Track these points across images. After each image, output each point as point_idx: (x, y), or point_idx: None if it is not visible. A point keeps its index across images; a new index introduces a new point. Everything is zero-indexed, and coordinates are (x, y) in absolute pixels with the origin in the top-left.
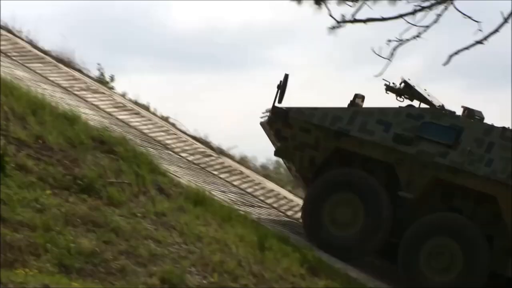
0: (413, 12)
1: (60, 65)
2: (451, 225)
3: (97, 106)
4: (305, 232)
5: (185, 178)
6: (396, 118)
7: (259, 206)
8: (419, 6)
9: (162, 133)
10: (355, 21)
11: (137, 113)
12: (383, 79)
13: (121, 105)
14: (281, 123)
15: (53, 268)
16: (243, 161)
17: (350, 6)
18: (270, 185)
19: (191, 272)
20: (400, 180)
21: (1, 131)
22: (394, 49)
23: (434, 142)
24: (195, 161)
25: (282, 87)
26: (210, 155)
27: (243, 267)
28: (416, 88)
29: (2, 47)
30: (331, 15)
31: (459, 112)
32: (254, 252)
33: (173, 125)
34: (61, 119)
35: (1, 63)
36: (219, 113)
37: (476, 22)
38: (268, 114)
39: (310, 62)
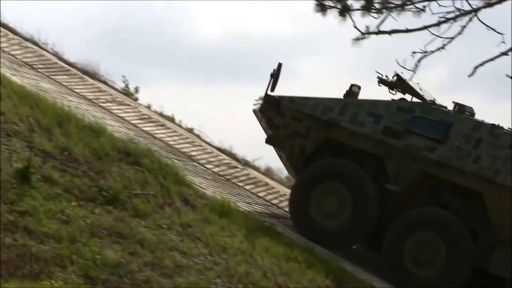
0: (438, 24)
1: (86, 77)
2: (436, 220)
3: (122, 118)
4: (291, 220)
5: (210, 189)
6: (386, 110)
7: (284, 218)
8: (444, 17)
9: (187, 145)
10: (379, 32)
11: (162, 125)
12: (376, 71)
13: (146, 116)
14: (273, 111)
15: (78, 279)
16: (268, 173)
17: (375, 17)
18: None
19: (217, 284)
20: (388, 173)
21: (26, 143)
22: (419, 60)
23: (423, 136)
24: (220, 173)
25: (275, 76)
26: (235, 167)
27: (268, 278)
28: (409, 81)
29: (27, 59)
30: (355, 27)
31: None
32: (279, 263)
33: (198, 136)
34: (87, 131)
35: (27, 75)
36: (241, 123)
37: (499, 34)
38: (260, 102)
39: (330, 72)
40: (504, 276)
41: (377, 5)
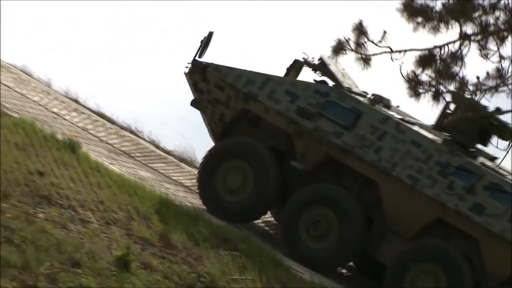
0: None
1: (182, 164)
2: (330, 196)
3: None
4: (199, 195)
5: (308, 273)
6: (304, 91)
7: None
8: None
9: None
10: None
11: None
12: (303, 52)
13: None
14: (199, 76)
15: None
16: None
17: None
18: None
19: None
20: (296, 151)
21: (125, 230)
22: None
23: (333, 121)
24: None
25: (205, 43)
26: None
27: None
28: (331, 67)
29: (125, 148)
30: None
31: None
32: None
33: None
34: (184, 218)
35: (125, 163)
36: None
37: None
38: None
39: None
40: (387, 264)
41: (470, 87)
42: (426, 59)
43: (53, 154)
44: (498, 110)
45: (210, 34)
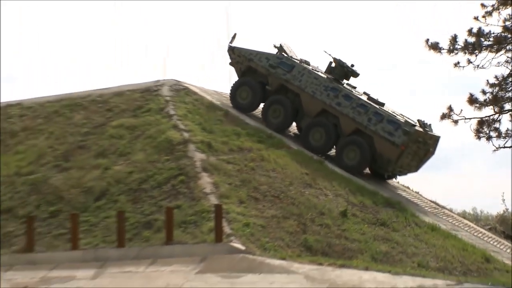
0: None
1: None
2: (280, 100)
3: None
4: (230, 99)
5: (427, 219)
6: (273, 58)
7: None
8: None
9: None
10: None
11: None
12: (274, 44)
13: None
14: (231, 51)
15: (368, 259)
16: (464, 215)
17: None
18: None
19: (431, 261)
20: (269, 82)
21: (344, 199)
22: None
23: (283, 69)
24: (432, 211)
25: (232, 38)
26: (440, 209)
27: (454, 258)
28: (285, 47)
29: None
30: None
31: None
32: (459, 252)
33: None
34: (370, 194)
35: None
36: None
37: None
38: (227, 47)
39: None
40: (303, 128)
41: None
42: (481, 122)
43: (310, 165)
44: (352, 65)
45: (235, 34)
